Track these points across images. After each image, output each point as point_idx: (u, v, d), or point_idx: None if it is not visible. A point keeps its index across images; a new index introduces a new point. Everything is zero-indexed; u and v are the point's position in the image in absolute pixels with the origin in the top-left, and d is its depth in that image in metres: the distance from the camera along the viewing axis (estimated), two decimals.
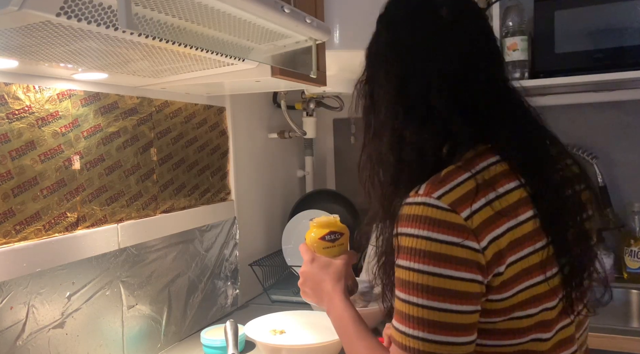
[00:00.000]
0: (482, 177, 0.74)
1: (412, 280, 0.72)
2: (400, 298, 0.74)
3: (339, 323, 0.95)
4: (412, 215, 0.73)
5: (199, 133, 1.64)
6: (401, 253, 0.74)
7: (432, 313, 0.71)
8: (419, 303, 0.71)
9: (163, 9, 0.81)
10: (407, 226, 0.73)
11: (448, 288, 0.70)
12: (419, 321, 0.71)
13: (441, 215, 0.71)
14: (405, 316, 0.73)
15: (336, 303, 0.97)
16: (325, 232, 1.03)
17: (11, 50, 0.90)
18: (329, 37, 1.22)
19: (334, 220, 1.07)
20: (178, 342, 1.52)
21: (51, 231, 1.15)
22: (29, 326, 1.08)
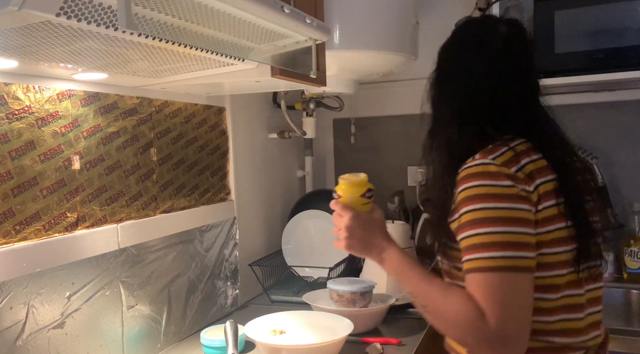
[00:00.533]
0: (518, 148, 0.97)
1: (481, 216, 0.91)
2: (472, 235, 0.91)
3: (401, 269, 1.04)
4: (473, 172, 0.94)
5: (198, 133, 1.64)
6: (467, 202, 0.93)
7: (502, 236, 0.89)
8: (491, 231, 0.89)
9: (163, 9, 0.81)
10: (470, 181, 0.94)
11: (512, 216, 0.90)
12: (494, 245, 0.89)
13: (497, 168, 0.93)
14: (479, 245, 0.90)
15: (392, 252, 1.05)
16: (364, 189, 1.10)
17: (11, 50, 0.90)
18: (329, 37, 1.22)
19: (366, 177, 1.13)
20: (178, 342, 1.52)
21: (51, 232, 1.15)
22: (29, 326, 1.08)
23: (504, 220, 0.90)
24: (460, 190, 0.95)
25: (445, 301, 0.94)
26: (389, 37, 1.76)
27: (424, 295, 0.98)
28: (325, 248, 2.01)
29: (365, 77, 2.00)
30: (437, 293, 0.97)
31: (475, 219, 0.91)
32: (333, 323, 1.42)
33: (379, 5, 1.73)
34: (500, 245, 0.89)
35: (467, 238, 0.92)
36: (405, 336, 1.49)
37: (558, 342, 0.95)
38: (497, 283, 0.88)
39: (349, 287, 1.56)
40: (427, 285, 0.99)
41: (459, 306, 0.91)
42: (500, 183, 0.92)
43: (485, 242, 0.90)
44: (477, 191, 0.92)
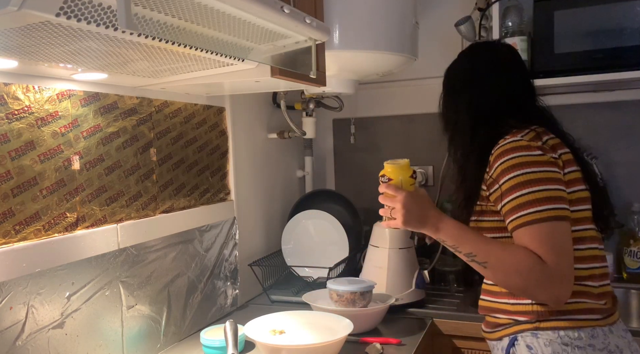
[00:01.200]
0: (537, 130, 1.19)
1: (522, 180, 1.10)
2: (517, 196, 1.10)
3: (459, 233, 1.17)
4: (508, 148, 1.14)
5: (198, 133, 1.64)
6: (506, 171, 1.13)
7: (544, 193, 1.09)
8: (533, 190, 1.09)
9: (163, 9, 0.81)
10: (507, 155, 1.14)
11: (548, 177, 1.11)
12: (539, 201, 1.09)
13: (527, 143, 1.14)
14: (526, 203, 1.09)
15: (447, 220, 1.19)
16: (412, 172, 1.25)
17: (11, 50, 0.90)
18: (329, 37, 1.22)
19: (408, 161, 1.28)
20: (178, 342, 1.52)
21: (51, 232, 1.15)
22: (29, 327, 1.08)
23: (543, 180, 1.10)
24: (498, 164, 1.14)
25: (505, 253, 1.10)
26: (389, 38, 1.76)
27: (485, 252, 1.13)
28: (325, 248, 2.01)
29: (364, 77, 2.00)
30: (496, 248, 1.13)
31: (517, 183, 1.11)
32: (333, 323, 1.43)
33: (378, 6, 1.73)
34: (544, 200, 1.08)
35: (512, 200, 1.11)
36: (405, 336, 1.49)
37: (591, 285, 1.14)
38: (548, 231, 1.07)
39: (349, 287, 1.56)
40: (485, 243, 1.14)
41: (519, 255, 1.08)
42: (533, 153, 1.12)
43: (530, 200, 1.09)
44: (515, 161, 1.12)
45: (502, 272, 1.12)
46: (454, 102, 1.33)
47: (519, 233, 1.10)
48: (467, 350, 1.62)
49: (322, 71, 1.53)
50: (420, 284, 1.73)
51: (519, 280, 1.09)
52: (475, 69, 1.32)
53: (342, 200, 2.14)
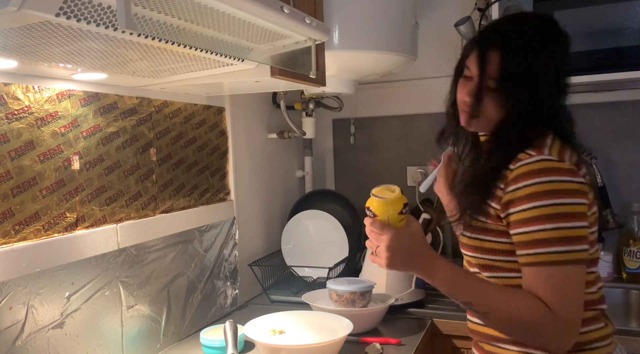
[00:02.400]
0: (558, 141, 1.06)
1: (548, 213, 0.96)
2: (537, 230, 0.97)
3: (454, 280, 1.03)
4: (536, 169, 0.99)
5: (198, 133, 1.64)
6: (533, 198, 0.98)
7: (567, 231, 0.96)
8: (557, 226, 0.96)
9: (162, 9, 0.81)
10: (534, 177, 0.99)
11: (574, 211, 0.97)
12: (560, 240, 0.96)
13: (558, 164, 0.99)
14: (545, 240, 0.96)
15: (440, 264, 1.04)
16: (401, 206, 1.05)
17: (10, 51, 0.90)
18: (328, 38, 1.22)
19: (400, 192, 1.07)
20: (177, 342, 1.52)
21: (50, 232, 1.15)
22: (28, 327, 1.08)
23: (569, 216, 0.97)
24: (524, 184, 0.99)
25: (510, 305, 0.98)
26: (389, 38, 1.76)
27: (485, 303, 1.00)
28: (325, 248, 2.01)
29: (364, 77, 2.00)
30: (497, 297, 1.00)
31: (542, 215, 0.97)
32: (332, 323, 1.42)
33: (378, 6, 1.73)
34: (566, 240, 0.96)
35: (532, 233, 0.98)
36: (405, 336, 1.49)
37: (600, 308, 1.07)
38: (563, 276, 0.96)
39: (349, 287, 1.56)
40: (485, 290, 1.02)
41: (527, 307, 0.97)
42: (564, 179, 0.98)
43: (552, 237, 0.96)
44: (546, 188, 0.98)
45: (506, 326, 1.01)
46: (520, 74, 1.06)
47: (529, 272, 0.99)
48: (467, 350, 1.62)
49: (322, 71, 1.53)
50: (420, 284, 1.73)
51: (528, 333, 0.98)
52: (549, 51, 1.07)
53: (342, 200, 2.14)
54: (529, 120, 1.06)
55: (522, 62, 1.05)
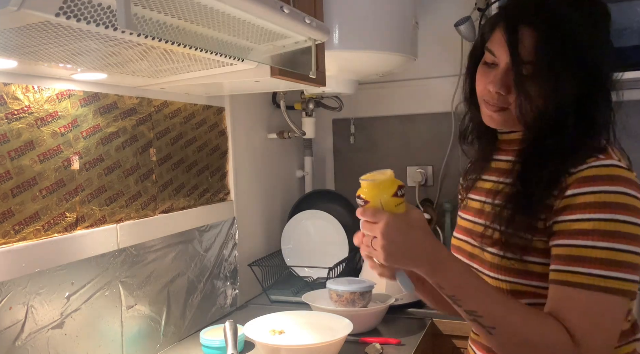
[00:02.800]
0: (617, 148, 0.94)
1: (610, 229, 0.81)
2: (588, 245, 0.81)
3: (463, 283, 0.85)
4: (605, 174, 0.84)
5: (198, 133, 1.64)
6: (593, 207, 0.82)
7: (626, 255, 0.80)
8: (614, 247, 0.80)
9: (162, 9, 0.81)
10: (605, 184, 0.83)
11: (635, 234, 0.81)
12: (614, 264, 0.80)
13: (627, 174, 0.85)
14: (596, 260, 0.80)
15: (448, 260, 0.86)
16: (395, 188, 0.89)
17: (10, 50, 0.90)
18: (328, 38, 1.22)
19: (392, 174, 0.91)
20: (177, 342, 1.51)
21: (50, 232, 1.15)
22: (28, 327, 1.08)
23: (629, 237, 0.80)
24: (585, 191, 0.83)
25: (527, 326, 0.81)
26: (389, 38, 1.76)
27: (495, 316, 0.83)
28: (325, 248, 2.01)
29: (364, 77, 2.00)
30: (513, 316, 0.82)
31: (598, 230, 0.81)
32: (332, 323, 1.42)
33: (378, 6, 1.73)
34: (621, 265, 0.80)
35: (578, 248, 0.82)
36: (405, 336, 1.49)
37: (636, 338, 0.94)
38: (603, 305, 0.80)
39: (348, 287, 1.56)
40: (498, 304, 0.83)
41: (547, 332, 0.80)
42: (631, 192, 0.82)
43: (605, 259, 0.80)
44: (609, 199, 0.81)
45: (513, 346, 0.83)
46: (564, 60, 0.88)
47: (560, 292, 0.82)
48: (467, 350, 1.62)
49: (322, 71, 1.53)
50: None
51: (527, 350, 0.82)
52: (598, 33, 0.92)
53: (342, 200, 2.14)
54: (589, 114, 0.91)
55: (565, 38, 0.87)
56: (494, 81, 0.93)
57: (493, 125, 0.98)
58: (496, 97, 0.93)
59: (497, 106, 0.94)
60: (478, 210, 1.03)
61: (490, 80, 0.93)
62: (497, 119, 0.96)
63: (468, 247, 1.03)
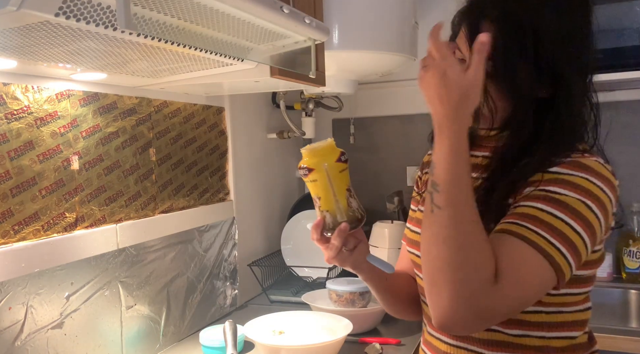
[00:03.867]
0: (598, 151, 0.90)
1: (574, 207, 0.79)
2: (538, 208, 0.80)
3: (458, 155, 0.78)
4: (589, 166, 0.83)
5: (197, 133, 1.64)
6: (569, 186, 0.80)
7: (570, 231, 0.79)
8: (564, 219, 0.79)
9: (162, 9, 0.81)
10: (581, 171, 0.82)
11: (593, 226, 0.80)
12: (557, 232, 0.78)
13: (609, 174, 0.85)
14: (551, 226, 0.78)
15: (465, 131, 0.79)
16: (339, 153, 0.88)
17: (10, 50, 0.90)
18: (328, 38, 1.22)
19: (332, 141, 0.91)
20: (177, 342, 1.51)
21: (50, 232, 1.15)
22: (28, 327, 1.08)
23: (587, 225, 0.80)
24: (567, 172, 0.81)
25: (471, 233, 0.77)
26: (388, 38, 1.76)
27: (452, 201, 0.77)
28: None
29: (364, 77, 2.00)
30: (467, 213, 0.78)
31: (562, 202, 0.79)
32: (332, 323, 1.42)
33: (378, 6, 1.73)
34: (563, 238, 0.78)
35: (534, 209, 0.80)
36: (405, 336, 1.49)
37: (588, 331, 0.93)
38: (537, 266, 0.77)
39: (348, 287, 1.56)
40: (463, 195, 0.78)
41: (485, 255, 0.76)
42: (608, 193, 0.83)
43: (552, 224, 0.78)
44: (587, 186, 0.81)
45: (442, 238, 0.77)
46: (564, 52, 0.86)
47: (505, 239, 0.79)
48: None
49: (322, 71, 1.52)
50: None
51: (458, 274, 0.76)
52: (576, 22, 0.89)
53: None
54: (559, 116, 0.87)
55: (525, 31, 0.83)
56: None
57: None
58: None
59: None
60: None
61: None
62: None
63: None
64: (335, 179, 0.86)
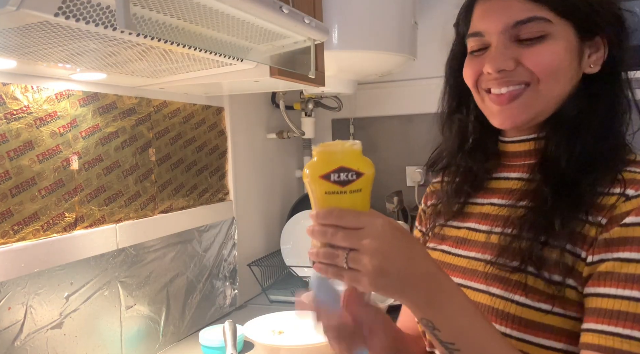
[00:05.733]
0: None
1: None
2: (632, 297, 0.59)
3: (469, 324, 0.61)
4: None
5: (197, 133, 1.64)
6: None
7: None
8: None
9: (161, 9, 0.81)
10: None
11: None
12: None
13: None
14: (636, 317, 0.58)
15: (453, 292, 0.62)
16: (333, 167, 0.59)
17: (9, 50, 0.90)
18: (328, 38, 1.22)
19: (351, 148, 0.61)
20: (176, 342, 1.51)
21: (49, 232, 1.15)
22: (27, 327, 1.08)
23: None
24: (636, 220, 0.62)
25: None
26: (388, 38, 1.76)
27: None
28: None
29: (364, 77, 2.00)
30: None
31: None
32: None
33: (377, 6, 1.73)
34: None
35: (625, 300, 0.60)
36: None
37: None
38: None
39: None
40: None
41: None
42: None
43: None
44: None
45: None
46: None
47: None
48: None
49: (321, 71, 1.52)
50: None
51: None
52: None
53: None
54: (617, 104, 0.72)
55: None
56: (492, 58, 0.73)
57: (509, 124, 0.75)
58: (501, 78, 0.73)
59: (507, 93, 0.73)
60: (481, 243, 0.78)
61: (487, 61, 0.74)
62: (514, 110, 0.73)
63: (467, 292, 0.75)
64: (317, 197, 0.61)
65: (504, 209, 0.77)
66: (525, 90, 0.72)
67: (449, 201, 0.85)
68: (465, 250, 0.80)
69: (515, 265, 0.69)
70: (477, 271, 0.75)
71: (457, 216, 0.84)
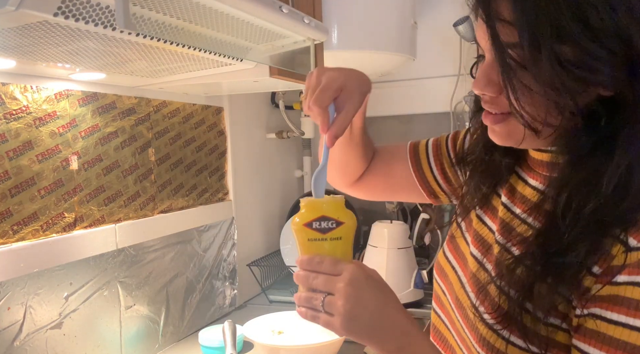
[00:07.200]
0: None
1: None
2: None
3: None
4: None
5: (197, 133, 1.64)
6: (633, 306, 0.55)
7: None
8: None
9: (161, 9, 0.81)
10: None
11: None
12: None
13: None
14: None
15: (419, 338, 0.64)
16: (314, 216, 0.66)
17: (8, 50, 0.90)
18: (327, 37, 1.22)
19: (332, 200, 0.69)
20: (176, 342, 1.51)
21: (49, 232, 1.15)
22: (27, 327, 1.08)
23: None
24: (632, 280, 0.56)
25: None
26: (387, 37, 1.76)
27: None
28: None
29: None
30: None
31: (633, 346, 0.54)
32: None
33: (377, 6, 1.73)
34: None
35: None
36: None
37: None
38: None
39: None
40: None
41: None
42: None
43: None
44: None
45: None
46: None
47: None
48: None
49: None
50: (419, 284, 1.73)
51: None
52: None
53: None
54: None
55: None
56: (477, 79, 0.64)
57: (499, 142, 0.67)
58: (487, 102, 0.65)
59: (493, 115, 0.65)
60: (487, 245, 0.74)
61: (475, 80, 0.65)
62: (498, 132, 0.66)
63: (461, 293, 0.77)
64: (300, 243, 0.67)
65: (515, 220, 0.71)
66: (509, 117, 0.63)
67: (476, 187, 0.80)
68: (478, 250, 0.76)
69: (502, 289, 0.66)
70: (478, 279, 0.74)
71: (484, 203, 0.78)
